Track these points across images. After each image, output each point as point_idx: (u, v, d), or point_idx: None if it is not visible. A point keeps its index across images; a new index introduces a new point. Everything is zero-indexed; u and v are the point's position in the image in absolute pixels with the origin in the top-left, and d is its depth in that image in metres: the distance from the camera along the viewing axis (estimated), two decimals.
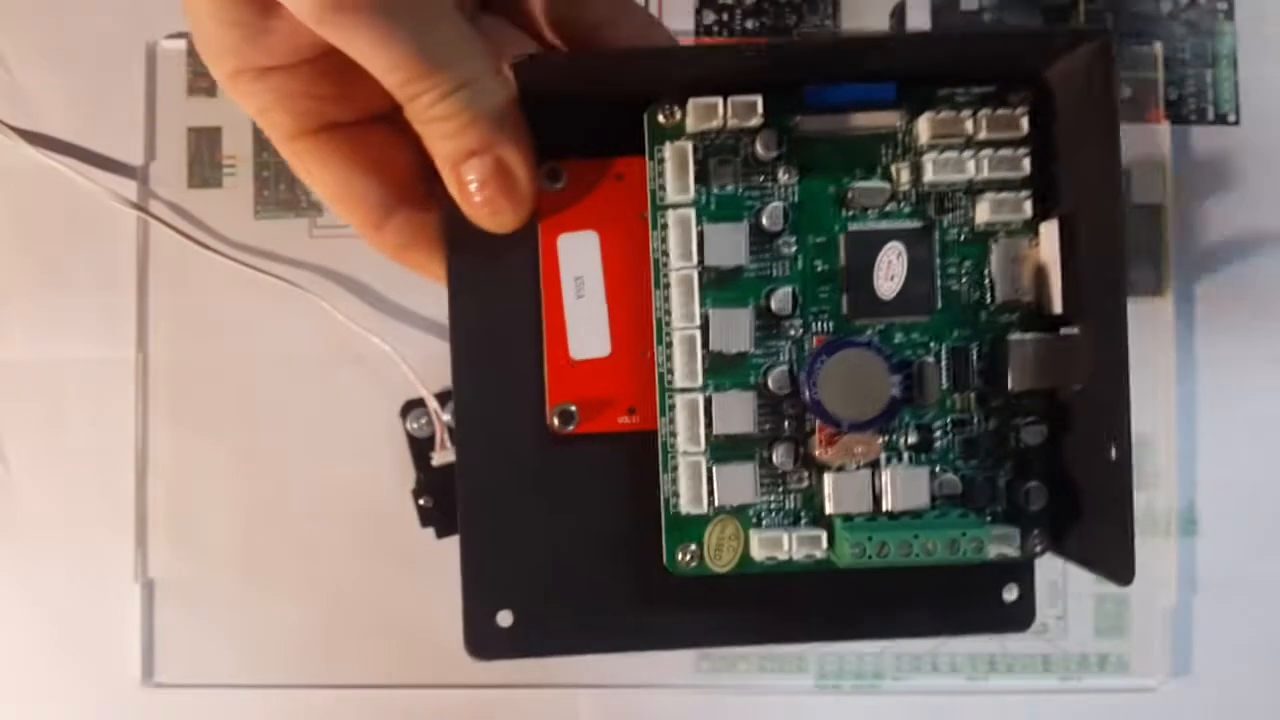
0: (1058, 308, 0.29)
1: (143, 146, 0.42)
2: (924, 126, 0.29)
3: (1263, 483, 0.42)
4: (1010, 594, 0.30)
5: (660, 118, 0.29)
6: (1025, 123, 0.29)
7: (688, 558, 0.29)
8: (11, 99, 0.42)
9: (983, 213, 0.29)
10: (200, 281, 0.41)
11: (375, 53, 0.25)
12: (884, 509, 0.29)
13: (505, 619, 0.30)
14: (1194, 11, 0.43)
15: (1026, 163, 0.29)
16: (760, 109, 0.28)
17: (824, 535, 0.29)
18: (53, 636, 0.41)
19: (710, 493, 0.29)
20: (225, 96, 0.41)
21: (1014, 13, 0.43)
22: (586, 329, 0.30)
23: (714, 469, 0.29)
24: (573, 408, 0.30)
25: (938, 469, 0.29)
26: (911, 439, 0.29)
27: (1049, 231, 0.29)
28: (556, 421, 0.30)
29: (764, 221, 0.29)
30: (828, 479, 0.29)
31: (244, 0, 0.26)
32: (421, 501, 0.40)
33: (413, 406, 0.41)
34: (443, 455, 0.40)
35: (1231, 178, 0.43)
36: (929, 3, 0.43)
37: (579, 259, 0.30)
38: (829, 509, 0.29)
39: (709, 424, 0.29)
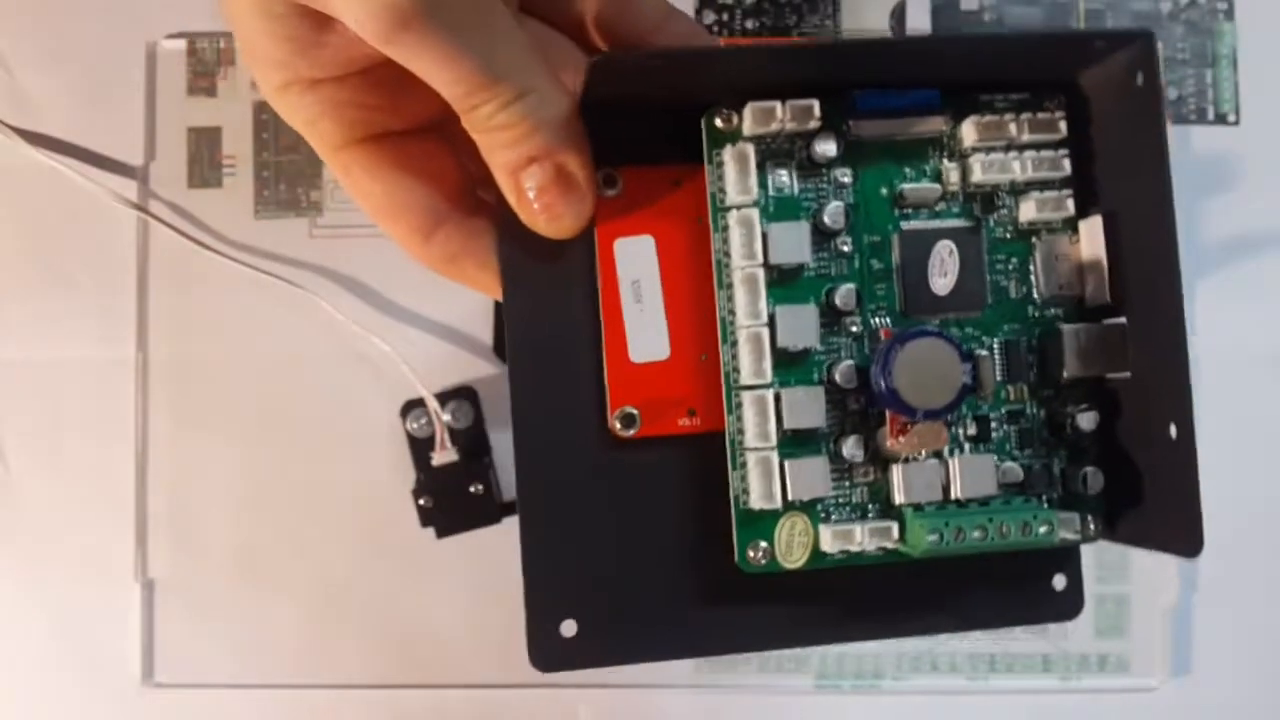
0: (1107, 299, 0.29)
1: (143, 146, 0.42)
2: (969, 130, 0.30)
3: (1262, 483, 0.42)
4: (1060, 583, 0.31)
5: (719, 122, 0.29)
6: (1063, 125, 0.30)
7: (759, 555, 0.29)
8: (12, 99, 0.42)
9: (1027, 211, 0.30)
10: (200, 281, 0.41)
11: (439, 68, 0.25)
12: (952, 497, 0.29)
13: (569, 629, 0.30)
14: (1194, 11, 0.43)
15: (1067, 163, 0.30)
16: (818, 112, 0.29)
17: (895, 525, 0.29)
18: (53, 636, 0.41)
19: (783, 487, 0.29)
20: (227, 97, 0.42)
21: (1013, 12, 0.43)
22: (645, 332, 0.30)
23: (785, 463, 0.29)
24: (634, 411, 0.30)
25: (998, 458, 0.30)
26: (971, 430, 0.30)
27: (1090, 228, 0.30)
28: (618, 425, 0.29)
29: (825, 220, 0.29)
30: (896, 470, 0.29)
31: (298, 15, 0.25)
32: (421, 501, 0.41)
33: (413, 406, 0.41)
34: (442, 455, 0.40)
35: (1231, 178, 0.43)
36: (929, 3, 0.43)
37: (636, 263, 0.30)
38: (898, 499, 0.29)
39: (779, 419, 0.29)
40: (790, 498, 0.29)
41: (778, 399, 0.29)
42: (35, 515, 0.41)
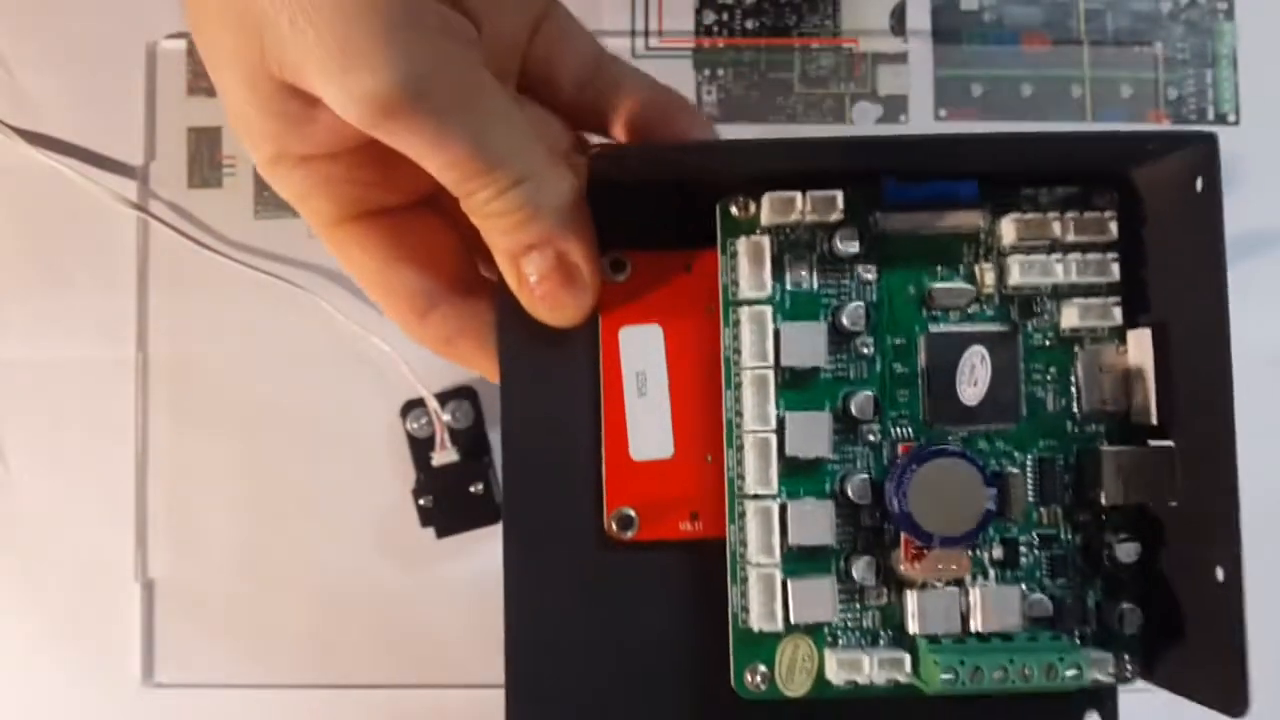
0: (1153, 419, 0.27)
1: (143, 147, 0.42)
2: (1009, 228, 0.27)
3: (1262, 484, 0.42)
4: None
5: (734, 210, 0.27)
6: (1114, 227, 0.28)
7: (757, 680, 0.27)
8: (12, 99, 0.42)
9: (1069, 318, 0.28)
10: (200, 281, 0.41)
11: (430, 153, 0.24)
12: (972, 629, 0.27)
13: None
14: (1194, 11, 0.43)
15: (1115, 268, 0.27)
16: (841, 204, 0.27)
17: (907, 657, 0.27)
18: (53, 636, 0.41)
19: (785, 608, 0.27)
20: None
21: (1013, 12, 0.43)
22: (648, 428, 0.28)
23: (789, 582, 0.27)
24: (632, 512, 0.28)
25: (1026, 588, 0.27)
26: (997, 554, 0.28)
27: (1139, 339, 0.28)
28: (614, 526, 0.28)
29: (844, 321, 0.27)
30: (911, 596, 0.27)
31: (288, 93, 0.24)
32: (421, 501, 0.40)
33: (413, 406, 0.41)
34: (442, 455, 0.40)
35: (1231, 178, 0.42)
36: (929, 2, 0.43)
37: (642, 354, 0.28)
38: (913, 628, 0.27)
39: (784, 533, 0.27)
40: (793, 620, 0.27)
41: (783, 511, 0.27)
42: (35, 515, 0.41)
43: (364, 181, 0.27)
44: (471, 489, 0.40)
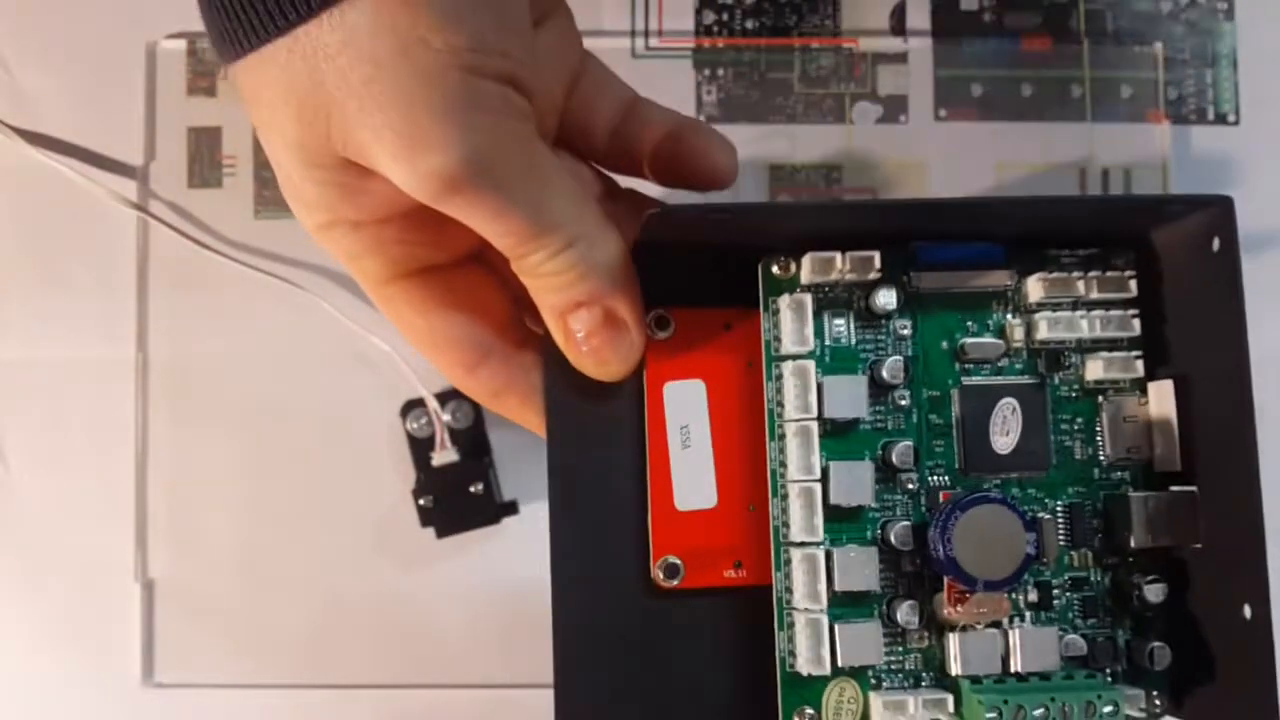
0: (1177, 465, 0.28)
1: (143, 146, 0.42)
2: (1035, 287, 0.29)
3: (1263, 482, 0.42)
4: None
5: (775, 269, 0.29)
6: (1134, 285, 0.29)
7: None
8: (12, 99, 0.42)
9: (1093, 371, 0.29)
10: (200, 281, 0.41)
11: (489, 224, 0.25)
12: (1012, 670, 0.28)
13: None
14: (1194, 11, 0.43)
15: (1136, 323, 0.29)
16: (878, 264, 0.28)
17: (950, 698, 0.28)
18: (53, 636, 0.41)
19: (833, 652, 0.28)
20: (227, 97, 0.42)
21: (1013, 13, 0.43)
22: (692, 479, 0.29)
23: (836, 627, 0.28)
24: (678, 561, 0.29)
25: (1060, 629, 0.29)
26: (1032, 597, 0.29)
27: (1160, 391, 0.29)
28: (661, 575, 0.29)
29: (884, 374, 0.29)
30: (953, 638, 0.28)
31: (343, 165, 0.25)
32: (421, 501, 0.40)
33: (413, 406, 0.41)
34: (442, 455, 0.40)
35: (1231, 178, 0.43)
36: (929, 3, 0.43)
37: (685, 408, 0.29)
38: (955, 670, 0.28)
39: (830, 580, 0.28)
40: (840, 664, 0.28)
41: (829, 558, 0.28)
42: (35, 515, 0.41)
43: (413, 242, 0.28)
44: (471, 489, 0.40)
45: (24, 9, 0.42)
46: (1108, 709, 0.27)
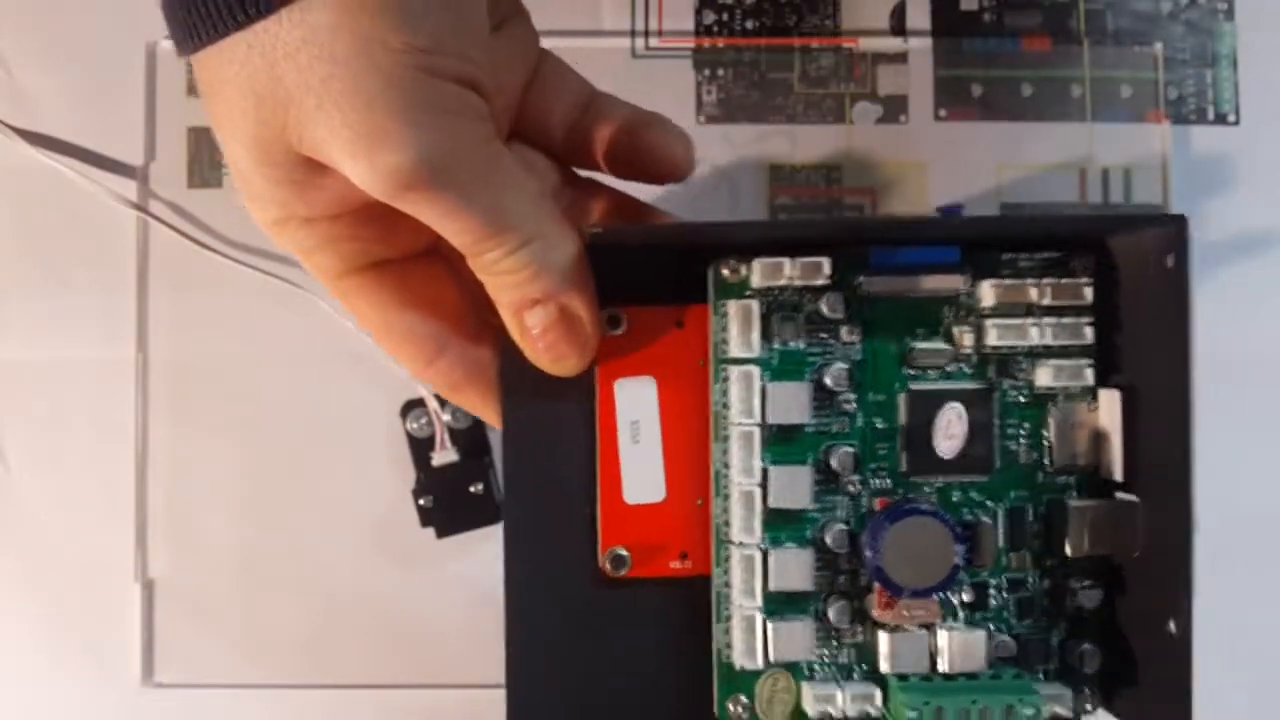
0: (1118, 475, 0.29)
1: (143, 146, 0.42)
2: (988, 292, 0.29)
3: (1261, 483, 0.42)
4: None
5: (725, 273, 0.29)
6: (1089, 293, 0.29)
7: (739, 710, 0.29)
8: (12, 99, 0.42)
9: (1043, 377, 0.29)
10: (200, 281, 0.41)
11: (445, 222, 0.26)
12: (940, 669, 0.29)
13: None
14: (1194, 11, 0.43)
15: (1089, 331, 0.29)
16: (827, 270, 0.28)
17: (878, 692, 0.29)
18: (53, 636, 0.41)
19: (765, 647, 0.29)
20: None
21: (1013, 12, 0.43)
22: (641, 474, 0.30)
23: (769, 624, 0.29)
24: (625, 552, 0.30)
25: (993, 629, 0.29)
26: (967, 597, 0.29)
27: (1109, 400, 0.29)
28: (609, 565, 0.30)
29: (826, 381, 0.29)
30: (883, 637, 0.29)
31: (297, 162, 0.25)
32: (421, 501, 0.41)
33: (412, 406, 0.41)
34: (442, 455, 0.40)
35: (1231, 178, 0.43)
36: (928, 3, 0.43)
37: (636, 404, 0.30)
38: (884, 668, 0.29)
39: (766, 579, 0.29)
40: (772, 659, 0.29)
41: (765, 558, 0.29)
42: (35, 515, 0.41)
43: (366, 237, 0.28)
44: (471, 489, 0.40)
45: (24, 9, 0.42)
46: (1028, 712, 0.28)
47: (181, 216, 0.42)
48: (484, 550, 0.41)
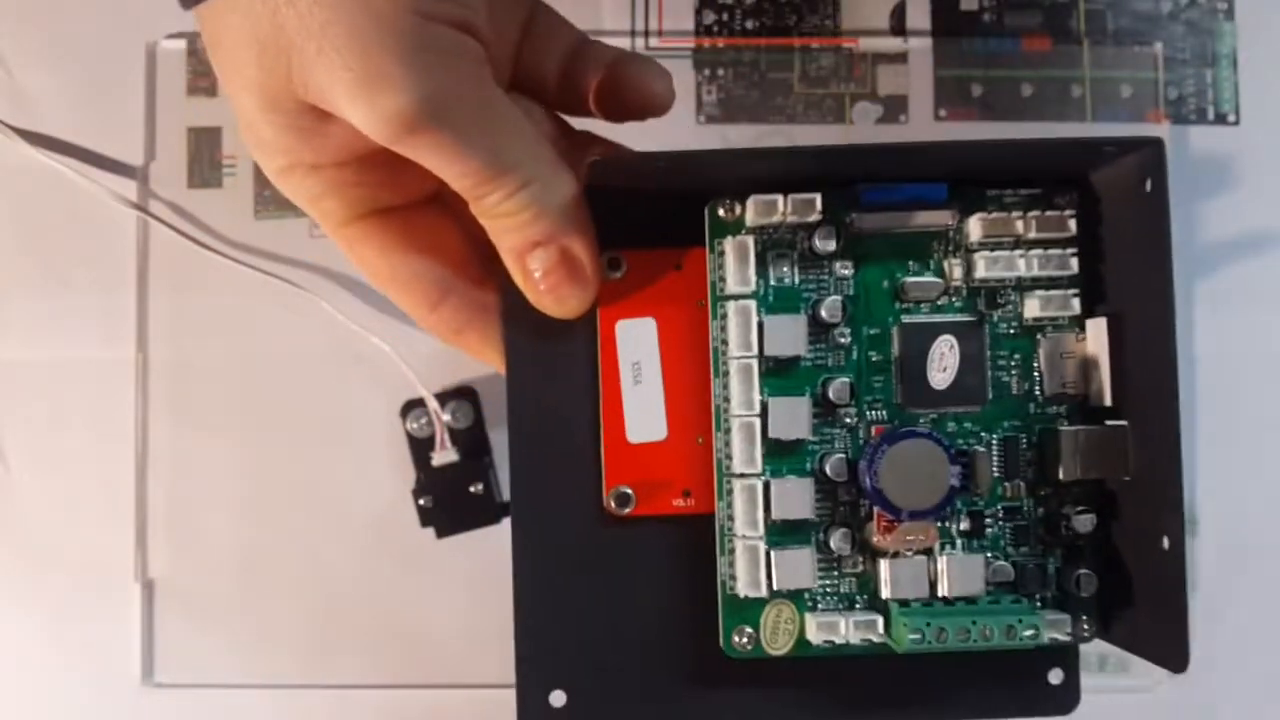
0: (1107, 401, 0.29)
1: (143, 146, 0.42)
2: (975, 226, 0.30)
3: (1262, 482, 0.42)
4: (1055, 677, 0.31)
5: (721, 212, 0.30)
6: (1073, 224, 0.30)
7: (744, 640, 0.30)
8: (12, 99, 0.42)
9: (1031, 308, 0.30)
10: (200, 281, 0.42)
11: (447, 164, 0.26)
12: (939, 594, 0.29)
13: (558, 699, 0.30)
14: (1194, 11, 0.43)
15: (1074, 262, 0.30)
16: (819, 206, 0.29)
17: (880, 619, 0.29)
18: (53, 637, 0.41)
19: (769, 577, 0.29)
20: (227, 98, 0.42)
21: (1013, 12, 0.43)
22: (643, 413, 0.30)
23: (772, 553, 0.29)
24: (629, 490, 0.30)
25: (990, 555, 0.30)
26: (964, 526, 0.30)
27: (1096, 328, 0.30)
28: (613, 503, 0.30)
29: (822, 313, 0.29)
30: (884, 564, 0.29)
31: (302, 109, 0.26)
32: (421, 501, 0.41)
33: (413, 406, 0.41)
34: (442, 455, 0.40)
35: (1231, 178, 0.43)
36: (928, 2, 0.43)
37: (637, 345, 0.30)
38: (885, 594, 0.29)
39: (768, 509, 0.29)
40: (776, 587, 0.29)
41: (767, 488, 0.29)
42: (35, 515, 0.41)
43: (371, 183, 0.29)
44: (471, 489, 0.40)
45: (24, 9, 0.42)
46: (1028, 632, 0.28)
47: (181, 216, 0.42)
48: (484, 550, 0.41)
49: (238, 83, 0.26)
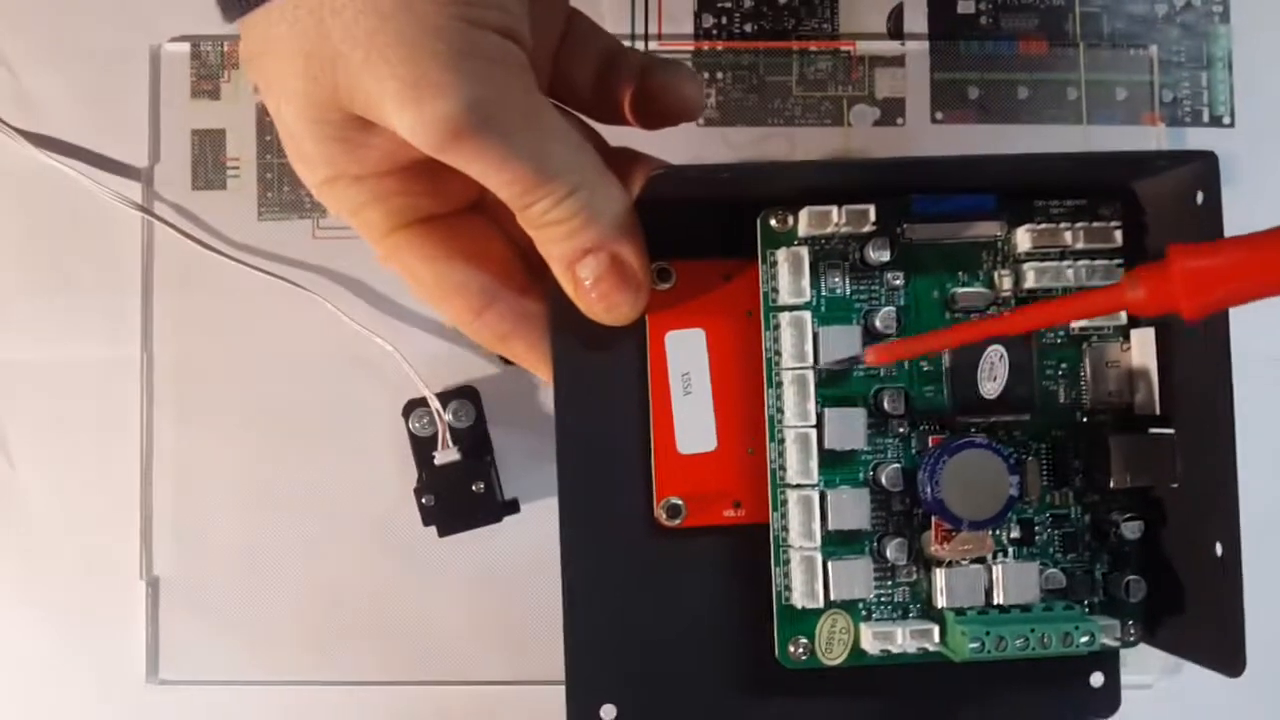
0: (1156, 409, 0.30)
1: (147, 148, 0.42)
2: (1024, 237, 0.30)
3: (1260, 482, 0.42)
4: (1097, 680, 0.31)
5: (773, 223, 0.30)
6: (1119, 235, 0.30)
7: (799, 650, 0.30)
8: (17, 102, 0.42)
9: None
10: (204, 282, 0.42)
11: (493, 173, 0.26)
12: (994, 602, 0.29)
13: (609, 713, 0.30)
14: (1189, 14, 0.43)
15: (1120, 272, 0.30)
16: (873, 217, 0.29)
17: (935, 628, 0.29)
18: (58, 634, 0.42)
19: (825, 587, 0.29)
20: (230, 100, 0.42)
21: (1009, 15, 0.43)
22: (693, 424, 0.30)
23: (829, 563, 0.29)
24: (680, 501, 0.30)
25: (1041, 563, 0.30)
26: (1014, 534, 0.30)
27: (1142, 338, 0.30)
28: (664, 515, 0.30)
29: (876, 324, 0.30)
30: (939, 573, 0.29)
31: (346, 119, 0.26)
32: (423, 500, 0.41)
33: (415, 406, 0.41)
34: (444, 454, 0.41)
35: (1226, 179, 0.43)
36: (925, 5, 0.43)
37: (686, 356, 0.30)
38: (941, 602, 0.29)
39: (824, 519, 0.29)
40: (833, 597, 0.29)
41: (823, 499, 0.29)
42: (41, 514, 0.42)
43: (414, 193, 0.29)
44: (473, 488, 0.41)
45: (29, 12, 0.42)
46: (1084, 639, 0.29)
47: (186, 218, 0.42)
48: (486, 549, 0.41)
49: (281, 94, 0.26)
